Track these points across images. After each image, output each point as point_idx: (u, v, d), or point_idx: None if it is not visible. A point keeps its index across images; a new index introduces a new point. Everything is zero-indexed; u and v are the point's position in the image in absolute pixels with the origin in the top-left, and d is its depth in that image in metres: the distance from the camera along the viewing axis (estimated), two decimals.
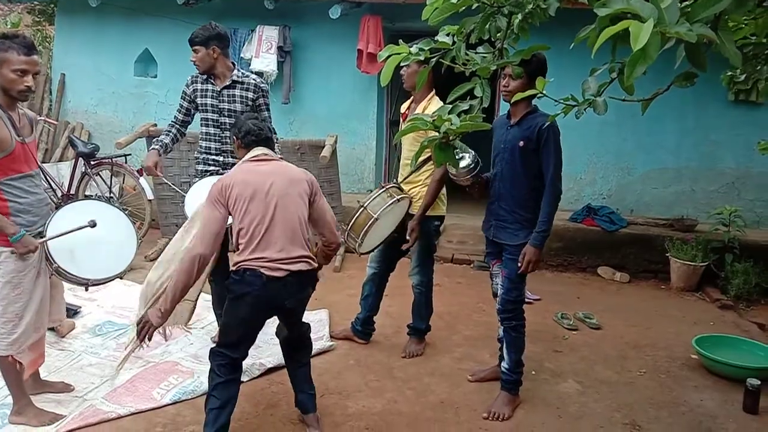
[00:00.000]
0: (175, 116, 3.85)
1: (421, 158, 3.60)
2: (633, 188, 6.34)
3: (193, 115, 3.86)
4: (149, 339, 2.78)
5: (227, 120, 3.71)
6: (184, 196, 3.64)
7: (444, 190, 3.77)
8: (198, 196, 3.58)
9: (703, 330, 4.43)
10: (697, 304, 5.26)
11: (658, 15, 1.17)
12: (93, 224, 2.88)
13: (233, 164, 3.70)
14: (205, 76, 3.72)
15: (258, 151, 2.93)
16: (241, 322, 2.76)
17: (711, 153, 6.12)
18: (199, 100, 3.75)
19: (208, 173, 3.75)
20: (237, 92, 3.70)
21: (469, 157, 3.25)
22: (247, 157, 2.92)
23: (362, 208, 3.53)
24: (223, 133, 3.74)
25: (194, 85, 3.76)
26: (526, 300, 3.59)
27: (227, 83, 3.69)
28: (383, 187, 3.64)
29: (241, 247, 2.75)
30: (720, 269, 5.44)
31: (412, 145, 3.71)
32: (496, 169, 3.29)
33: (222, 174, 3.61)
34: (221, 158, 3.77)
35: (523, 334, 3.32)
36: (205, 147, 3.79)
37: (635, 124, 6.00)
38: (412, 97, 3.85)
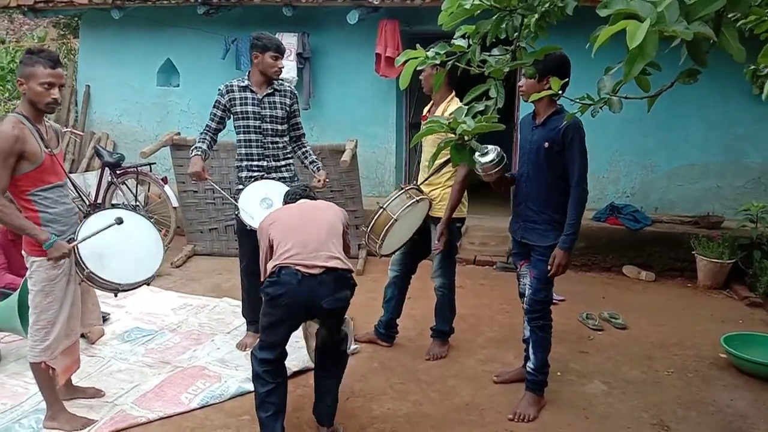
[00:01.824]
0: (207, 125, 3.91)
1: (441, 160, 3.62)
2: (657, 186, 6.27)
3: (226, 123, 3.96)
4: None
5: (269, 126, 3.83)
6: (236, 204, 3.76)
7: (465, 193, 3.78)
8: (251, 200, 3.72)
9: (732, 328, 4.36)
10: (725, 302, 5.19)
11: (658, 14, 1.18)
12: (120, 221, 2.94)
13: (275, 168, 3.85)
14: (243, 86, 3.84)
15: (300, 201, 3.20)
16: (277, 323, 2.79)
17: (736, 148, 6.03)
18: (238, 108, 3.83)
19: (252, 179, 3.84)
20: (277, 99, 3.85)
21: (493, 152, 3.24)
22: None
23: (381, 209, 3.56)
24: (264, 138, 3.84)
25: (230, 94, 3.84)
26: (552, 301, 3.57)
27: (269, 91, 3.83)
28: (403, 189, 3.66)
29: (275, 253, 2.83)
30: (748, 266, 5.35)
31: (432, 147, 3.72)
32: (522, 170, 3.29)
33: (266, 179, 3.81)
34: (264, 163, 3.86)
35: (550, 335, 3.31)
36: (247, 154, 3.87)
37: (658, 121, 5.93)
38: (432, 100, 3.86)
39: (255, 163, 3.86)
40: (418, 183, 3.80)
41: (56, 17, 9.67)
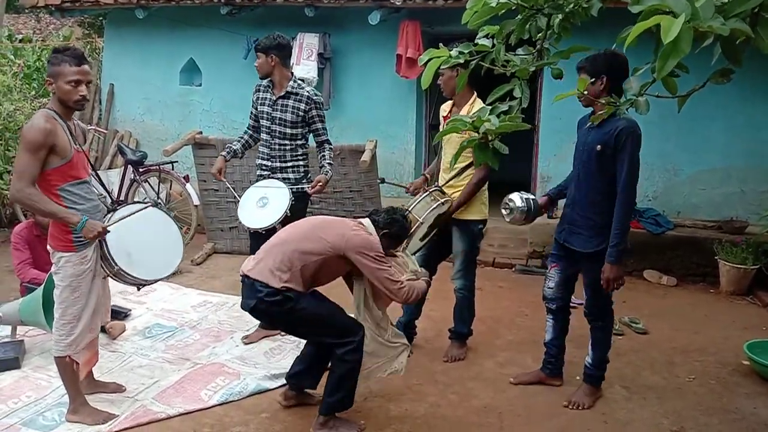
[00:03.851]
0: (248, 122, 4.13)
1: (464, 163, 3.63)
2: (680, 190, 6.19)
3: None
4: None
5: (278, 128, 3.92)
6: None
7: (486, 194, 3.76)
8: (250, 199, 3.88)
9: (755, 335, 4.29)
10: (748, 308, 5.10)
11: (692, 10, 1.16)
12: (155, 203, 3.04)
13: (281, 168, 3.93)
14: (266, 86, 3.95)
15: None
16: None
17: (760, 152, 5.91)
18: (258, 108, 3.99)
19: (262, 177, 3.98)
20: (290, 103, 3.89)
21: (519, 201, 3.26)
22: None
23: (407, 213, 3.55)
24: (273, 140, 3.94)
25: (257, 93, 4.01)
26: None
27: (282, 93, 3.89)
28: (426, 191, 3.65)
29: None
30: None
31: (453, 149, 3.70)
32: (574, 172, 3.26)
33: (272, 179, 3.91)
34: (269, 163, 3.98)
35: (610, 334, 3.35)
36: (261, 153, 4.03)
37: (680, 124, 5.84)
38: (452, 101, 3.85)
39: (264, 162, 3.99)
40: (440, 185, 3.79)
41: (82, 17, 9.82)
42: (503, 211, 3.34)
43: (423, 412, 3.29)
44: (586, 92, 2.41)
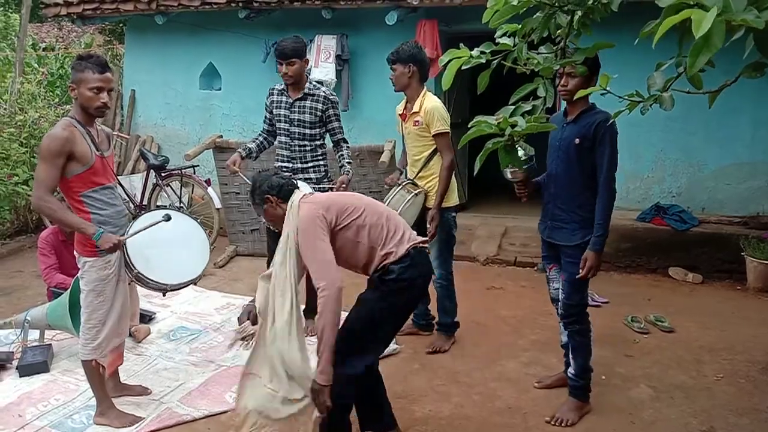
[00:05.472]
0: (262, 126, 4.19)
1: (427, 152, 3.81)
2: (704, 185, 6.08)
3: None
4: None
5: (297, 129, 3.97)
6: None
7: (454, 180, 3.86)
8: None
9: None
10: None
11: (724, 2, 1.13)
12: (168, 218, 3.02)
13: (302, 169, 3.99)
14: (281, 89, 4.01)
15: (302, 191, 2.82)
16: (405, 310, 2.78)
17: None
18: (274, 111, 4.04)
19: None
20: (308, 104, 3.94)
21: (521, 149, 3.21)
22: (298, 198, 2.75)
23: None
24: (292, 142, 3.99)
25: (272, 97, 4.06)
26: (594, 303, 3.51)
27: (300, 95, 3.93)
28: (399, 185, 3.80)
29: (385, 239, 2.62)
30: None
31: (416, 142, 3.87)
32: (551, 169, 3.23)
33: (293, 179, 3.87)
34: (290, 164, 4.03)
35: (588, 339, 3.24)
36: (280, 155, 4.08)
37: (705, 118, 5.74)
38: (406, 97, 3.99)
39: (285, 164, 4.04)
40: (412, 178, 3.89)
41: (102, 24, 9.94)
42: (521, 143, 3.13)
43: (447, 413, 3.27)
44: (608, 89, 2.35)
